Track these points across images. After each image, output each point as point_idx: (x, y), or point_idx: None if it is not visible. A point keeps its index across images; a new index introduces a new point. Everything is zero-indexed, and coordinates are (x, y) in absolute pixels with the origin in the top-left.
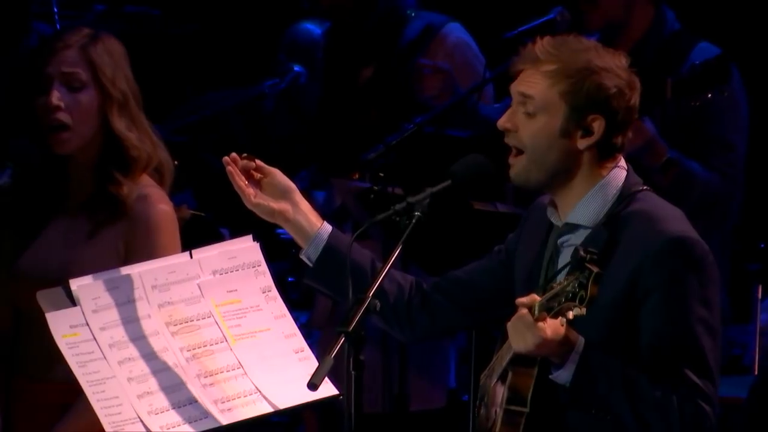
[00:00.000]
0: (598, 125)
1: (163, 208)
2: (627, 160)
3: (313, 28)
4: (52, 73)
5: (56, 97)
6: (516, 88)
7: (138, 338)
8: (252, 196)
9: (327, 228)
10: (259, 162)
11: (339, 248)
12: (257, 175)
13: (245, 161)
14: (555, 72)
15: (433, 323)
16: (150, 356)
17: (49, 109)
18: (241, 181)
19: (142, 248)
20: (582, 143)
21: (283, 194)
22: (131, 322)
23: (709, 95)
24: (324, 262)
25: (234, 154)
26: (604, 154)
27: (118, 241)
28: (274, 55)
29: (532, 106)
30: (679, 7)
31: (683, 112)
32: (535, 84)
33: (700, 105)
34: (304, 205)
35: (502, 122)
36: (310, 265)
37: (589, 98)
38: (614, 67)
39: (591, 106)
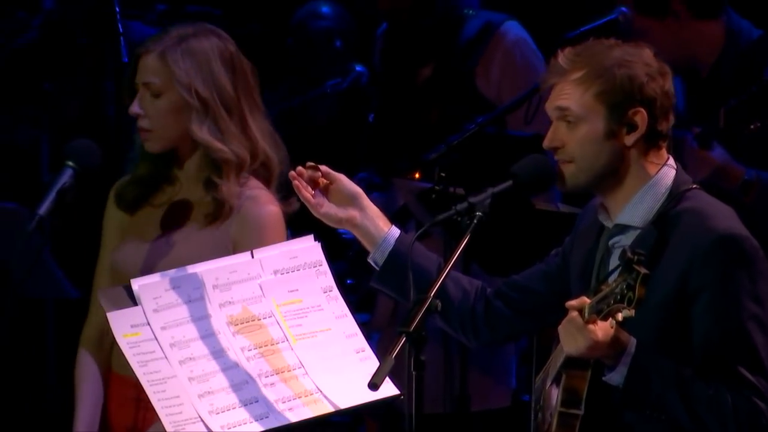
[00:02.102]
0: (640, 118)
1: (271, 209)
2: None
3: (323, 9)
4: (137, 82)
5: (136, 106)
6: (551, 104)
7: (199, 338)
8: (319, 207)
9: (394, 232)
10: (324, 168)
11: (405, 252)
12: (323, 182)
13: (310, 172)
14: (584, 77)
15: (495, 331)
16: (211, 356)
17: (132, 116)
18: (307, 193)
19: (251, 248)
20: (629, 139)
21: (351, 200)
22: (192, 321)
23: None
24: (390, 266)
25: (300, 168)
26: (650, 144)
27: (227, 241)
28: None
29: (572, 116)
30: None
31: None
32: (568, 95)
33: None
34: (372, 209)
35: (548, 142)
36: (377, 269)
37: (624, 92)
38: (641, 56)
39: (628, 100)
